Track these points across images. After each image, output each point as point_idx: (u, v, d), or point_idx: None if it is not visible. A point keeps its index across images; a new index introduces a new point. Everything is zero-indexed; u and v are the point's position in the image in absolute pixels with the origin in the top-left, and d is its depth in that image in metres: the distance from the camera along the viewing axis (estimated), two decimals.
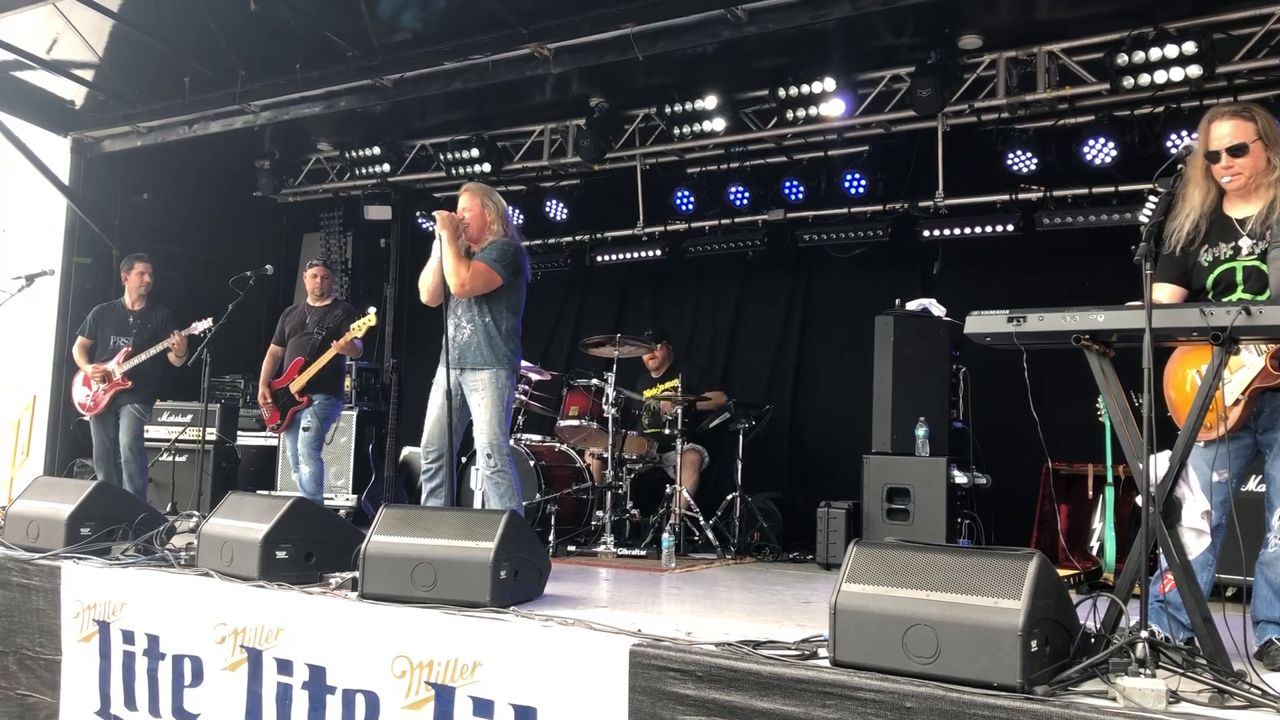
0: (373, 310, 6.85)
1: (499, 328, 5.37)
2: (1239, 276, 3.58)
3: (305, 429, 6.85)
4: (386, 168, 9.23)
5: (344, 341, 6.85)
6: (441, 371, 5.32)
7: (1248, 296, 3.53)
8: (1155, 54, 6.25)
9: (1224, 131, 3.58)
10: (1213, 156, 3.59)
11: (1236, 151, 3.56)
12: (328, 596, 4.24)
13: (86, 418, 7.49)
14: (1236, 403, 3.49)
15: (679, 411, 7.04)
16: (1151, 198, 3.56)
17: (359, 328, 6.83)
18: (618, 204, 8.91)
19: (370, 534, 4.23)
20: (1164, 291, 3.70)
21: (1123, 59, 6.37)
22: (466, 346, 5.35)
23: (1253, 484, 4.82)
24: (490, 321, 5.37)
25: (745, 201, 8.37)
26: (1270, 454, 3.51)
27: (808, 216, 8.25)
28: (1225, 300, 3.55)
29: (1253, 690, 2.82)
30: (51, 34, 7.70)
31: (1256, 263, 3.55)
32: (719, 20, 6.41)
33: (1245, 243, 3.58)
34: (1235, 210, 3.66)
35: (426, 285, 5.49)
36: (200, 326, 7.18)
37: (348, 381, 8.75)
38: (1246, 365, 3.47)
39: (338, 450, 8.65)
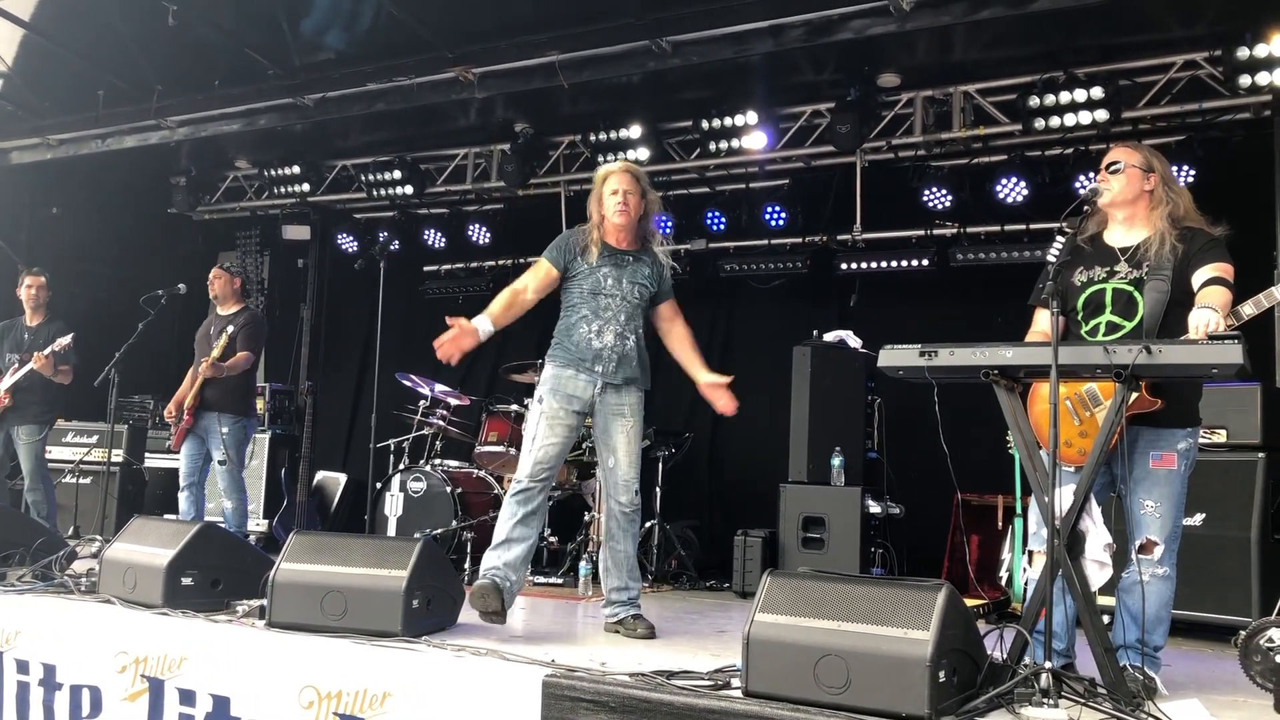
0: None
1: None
2: (1108, 298, 3.74)
3: (222, 462, 6.52)
4: (306, 187, 9.11)
5: (207, 363, 6.44)
6: (576, 381, 4.57)
7: (1115, 319, 3.70)
8: (1065, 97, 6.47)
9: (1111, 153, 3.88)
10: (1098, 171, 3.88)
11: (1110, 167, 3.82)
12: (234, 625, 4.14)
13: None
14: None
15: None
16: (1059, 238, 3.68)
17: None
18: (541, 229, 8.78)
19: (279, 561, 4.15)
20: (1045, 318, 3.82)
21: (1034, 101, 6.57)
22: (627, 359, 4.60)
23: None
24: (643, 335, 4.72)
25: (668, 230, 8.40)
26: (1129, 488, 3.60)
27: (729, 247, 8.33)
28: (1094, 321, 3.73)
29: (1149, 719, 2.89)
30: None
31: (1128, 287, 3.71)
32: (644, 51, 6.47)
33: (1122, 268, 3.75)
34: (1115, 239, 3.84)
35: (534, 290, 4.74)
36: (62, 342, 6.95)
37: (260, 404, 8.59)
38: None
39: (249, 474, 8.44)
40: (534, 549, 4.58)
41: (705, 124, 7.44)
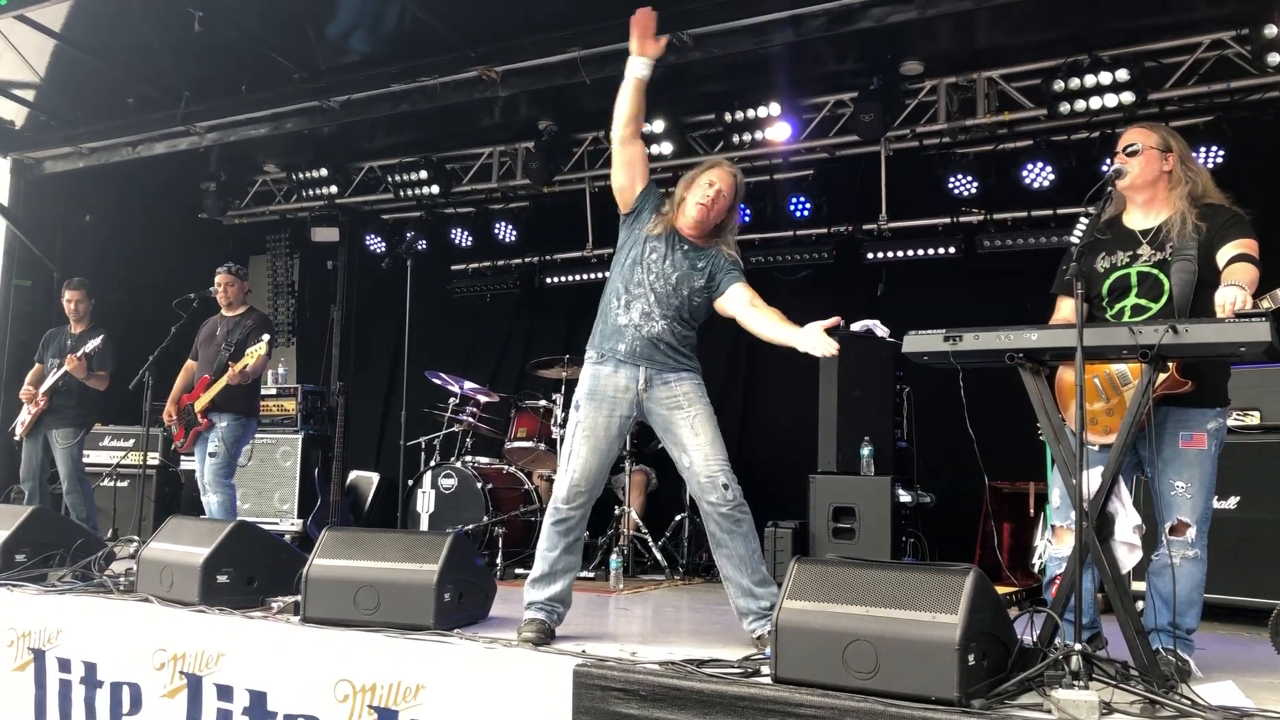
0: (265, 338, 6.46)
1: (695, 332, 4.30)
2: (1133, 280, 3.71)
3: (212, 454, 6.48)
4: (334, 189, 9.20)
5: (234, 371, 6.41)
6: (615, 378, 4.11)
7: (1141, 301, 3.67)
8: (1090, 80, 6.42)
9: (1126, 136, 3.86)
10: (1114, 154, 3.86)
11: (1127, 149, 3.79)
12: (269, 620, 4.20)
13: (18, 437, 7.40)
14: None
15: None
16: (1083, 220, 3.66)
17: (251, 355, 6.41)
18: (567, 226, 8.94)
19: (312, 557, 4.20)
20: (1069, 306, 3.79)
21: (1059, 85, 6.53)
22: (653, 343, 4.11)
23: None
24: (689, 320, 4.25)
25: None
26: (1158, 470, 3.57)
27: (754, 239, 8.32)
28: (1119, 305, 3.71)
29: (1183, 701, 2.88)
30: None
31: (1153, 269, 3.67)
32: (665, 45, 6.46)
33: (1145, 250, 3.72)
34: (1135, 222, 3.81)
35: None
36: (93, 344, 7.08)
37: (293, 405, 8.68)
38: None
39: (283, 474, 8.55)
40: (577, 573, 4.20)
41: (728, 117, 7.44)
